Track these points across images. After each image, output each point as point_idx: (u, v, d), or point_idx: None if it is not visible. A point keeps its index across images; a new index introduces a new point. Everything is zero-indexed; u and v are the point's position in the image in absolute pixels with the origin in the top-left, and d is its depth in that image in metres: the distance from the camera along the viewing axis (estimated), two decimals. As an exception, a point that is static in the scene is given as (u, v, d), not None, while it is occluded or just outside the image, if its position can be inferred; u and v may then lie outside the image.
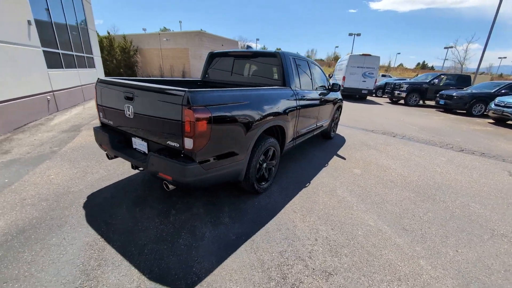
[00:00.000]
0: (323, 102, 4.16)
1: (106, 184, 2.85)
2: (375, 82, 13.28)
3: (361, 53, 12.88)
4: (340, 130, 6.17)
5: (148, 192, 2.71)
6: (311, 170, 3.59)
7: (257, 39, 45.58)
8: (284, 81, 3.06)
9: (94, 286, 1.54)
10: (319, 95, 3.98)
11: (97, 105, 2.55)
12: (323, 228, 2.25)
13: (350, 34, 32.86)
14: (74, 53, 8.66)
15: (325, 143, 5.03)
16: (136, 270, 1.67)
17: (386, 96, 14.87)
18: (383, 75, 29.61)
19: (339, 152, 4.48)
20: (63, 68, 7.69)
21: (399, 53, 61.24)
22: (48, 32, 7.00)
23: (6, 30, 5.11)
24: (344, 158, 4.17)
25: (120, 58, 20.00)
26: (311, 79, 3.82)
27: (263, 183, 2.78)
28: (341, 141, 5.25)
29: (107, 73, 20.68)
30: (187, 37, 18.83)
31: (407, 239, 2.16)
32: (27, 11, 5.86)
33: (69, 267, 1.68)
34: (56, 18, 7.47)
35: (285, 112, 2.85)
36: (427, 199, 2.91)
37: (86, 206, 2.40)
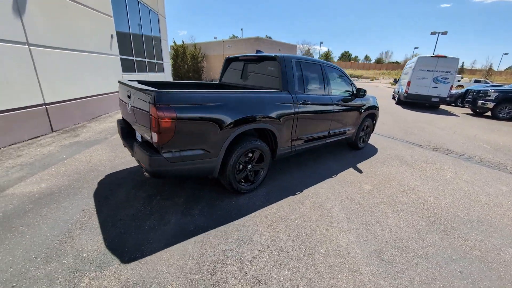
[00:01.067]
0: (343, 108, 3.84)
1: (124, 168, 3.43)
2: (451, 89, 11.04)
3: (432, 55, 10.94)
4: (377, 141, 5.49)
5: (148, 179, 3.13)
6: (312, 179, 3.39)
7: (321, 42, 44.09)
8: (282, 85, 3.02)
9: (69, 242, 1.96)
10: (337, 100, 3.71)
11: (119, 100, 3.13)
12: (283, 238, 2.15)
13: (433, 33, 28.16)
14: (146, 60, 10.47)
15: (347, 153, 4.60)
16: (101, 238, 2.02)
17: (467, 106, 12.26)
18: (476, 81, 24.30)
19: (359, 165, 4.03)
20: (135, 72, 9.42)
21: (506, 54, 48.47)
22: (126, 43, 8.71)
23: (96, 43, 6.67)
24: (361, 172, 3.74)
25: (190, 64, 22.80)
26: (324, 83, 3.59)
27: (244, 183, 2.83)
28: (371, 152, 4.69)
29: (179, 77, 23.92)
30: (246, 43, 19.96)
31: (376, 270, 1.84)
32: (111, 27, 7.47)
33: (62, 224, 2.16)
34: (134, 30, 9.22)
35: (277, 115, 2.82)
36: (439, 232, 2.36)
37: (100, 182, 2.98)
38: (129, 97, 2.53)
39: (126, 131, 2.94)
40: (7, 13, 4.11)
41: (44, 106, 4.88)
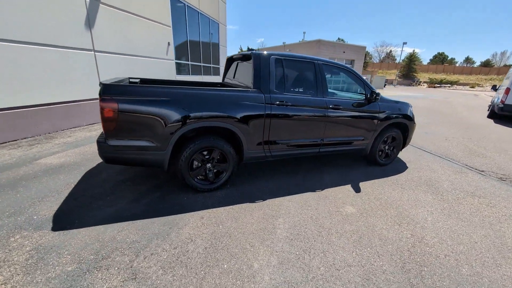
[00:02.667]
0: (346, 113, 3.28)
1: (126, 154, 3.93)
2: None
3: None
4: (417, 158, 4.40)
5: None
6: (288, 189, 3.02)
7: (404, 43, 38.30)
8: (253, 83, 2.82)
9: (35, 205, 2.40)
10: (335, 103, 3.19)
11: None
12: (198, 243, 2.01)
13: None
14: (202, 64, 11.61)
15: (357, 167, 3.87)
16: (57, 207, 2.39)
17: None
18: None
19: (363, 183, 3.33)
20: (189, 74, 10.59)
21: None
22: (183, 49, 9.91)
23: (153, 49, 7.89)
24: (358, 191, 3.09)
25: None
26: (316, 83, 3.14)
27: (201, 182, 2.78)
28: (393, 171, 3.79)
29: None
30: (306, 47, 19.44)
31: (268, 306, 1.50)
32: (169, 36, 8.67)
33: (46, 191, 2.67)
34: (192, 37, 10.40)
35: (241, 115, 2.66)
36: (413, 277, 1.70)
37: (100, 164, 3.51)
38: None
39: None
40: (80, 28, 5.37)
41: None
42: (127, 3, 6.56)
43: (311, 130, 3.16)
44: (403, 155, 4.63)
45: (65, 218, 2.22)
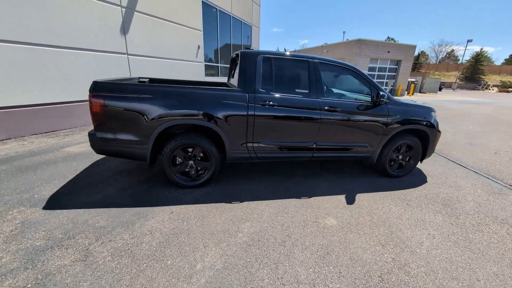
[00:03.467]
0: (344, 116, 2.99)
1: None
2: None
3: None
4: (445, 171, 3.77)
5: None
6: (272, 192, 2.88)
7: (469, 41, 33.22)
8: (238, 82, 2.77)
9: (42, 186, 2.77)
10: (331, 105, 2.94)
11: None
12: (157, 237, 2.05)
13: None
14: (232, 66, 11.93)
15: (362, 178, 3.47)
16: (57, 189, 2.72)
17: None
18: None
19: (360, 194, 2.99)
20: (218, 76, 10.99)
21: None
22: (213, 51, 10.35)
23: (183, 52, 8.43)
24: (350, 203, 2.78)
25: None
26: (310, 83, 2.93)
27: (182, 178, 2.84)
28: (404, 184, 3.31)
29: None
30: (345, 47, 18.38)
31: (190, 309, 1.44)
32: (199, 39, 9.15)
33: (55, 175, 3.06)
34: (222, 40, 10.79)
35: (222, 114, 2.65)
36: (353, 315, 1.45)
37: (110, 154, 3.88)
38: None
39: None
40: (116, 34, 6.05)
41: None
42: (159, 10, 7.15)
43: (302, 132, 2.96)
44: (427, 167, 4.01)
45: (58, 199, 2.51)
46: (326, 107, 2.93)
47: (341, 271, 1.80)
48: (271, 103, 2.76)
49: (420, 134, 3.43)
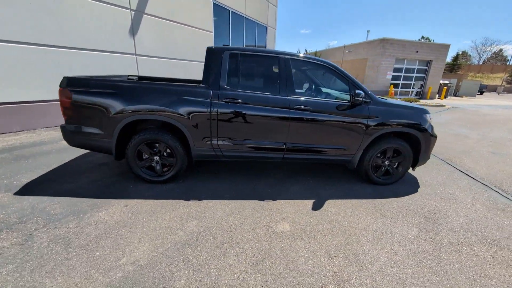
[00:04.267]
0: (316, 115, 2.80)
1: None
2: None
3: None
4: (446, 183, 3.37)
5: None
6: (236, 192, 2.80)
7: (519, 39, 29.37)
8: (203, 78, 2.74)
9: (24, 173, 3.00)
10: (302, 104, 2.77)
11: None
12: (100, 227, 2.09)
13: None
14: (244, 66, 11.98)
15: (339, 182, 3.22)
16: (37, 176, 2.92)
17: None
18: None
19: (330, 201, 2.77)
20: (229, 76, 11.10)
21: None
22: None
23: (193, 53, 8.66)
24: (315, 209, 2.58)
25: (308, 71, 23.13)
26: (280, 80, 2.78)
27: (148, 172, 2.88)
28: (385, 192, 3.00)
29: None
30: (368, 47, 17.45)
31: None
32: (210, 40, 9.33)
33: (42, 165, 3.30)
34: (235, 40, 10.88)
35: (184, 111, 2.64)
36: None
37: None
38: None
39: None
40: (125, 35, 6.41)
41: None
42: (169, 12, 7.43)
43: (270, 132, 2.83)
44: (426, 175, 3.61)
45: (31, 187, 2.70)
46: (296, 106, 2.77)
47: (268, 280, 1.66)
48: (235, 100, 2.69)
49: (410, 138, 3.09)
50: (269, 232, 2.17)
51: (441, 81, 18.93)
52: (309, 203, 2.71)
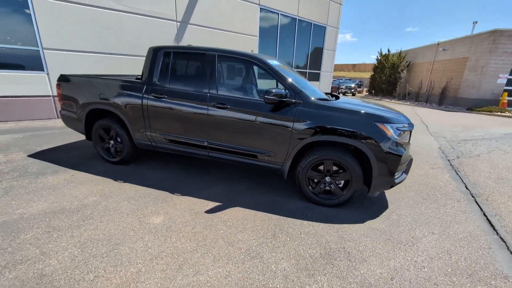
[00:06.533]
0: (235, 115, 2.63)
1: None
2: None
3: None
4: (431, 218, 2.44)
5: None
6: (159, 184, 2.96)
7: None
8: (141, 74, 3.04)
9: (41, 145, 4.19)
10: (220, 101, 2.66)
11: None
12: (33, 180, 2.75)
13: None
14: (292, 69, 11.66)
15: (283, 195, 2.81)
16: (48, 147, 4.03)
17: None
18: None
19: (238, 208, 2.52)
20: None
21: None
22: (269, 55, 10.57)
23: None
24: (209, 212, 2.43)
25: (388, 74, 20.05)
26: (204, 77, 2.74)
27: (108, 155, 3.44)
28: (318, 214, 2.43)
29: (373, 88, 22.12)
30: (471, 43, 13.39)
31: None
32: (253, 44, 9.69)
33: (58, 141, 4.50)
34: (283, 43, 10.80)
35: (122, 102, 3.04)
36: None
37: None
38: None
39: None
40: (169, 43, 7.61)
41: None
42: (213, 21, 8.26)
43: (192, 128, 2.85)
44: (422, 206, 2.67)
45: (39, 153, 3.76)
46: (213, 103, 2.67)
47: (79, 256, 1.78)
48: (162, 95, 2.86)
49: (358, 150, 2.40)
50: (138, 220, 2.24)
51: None
52: (212, 205, 2.56)
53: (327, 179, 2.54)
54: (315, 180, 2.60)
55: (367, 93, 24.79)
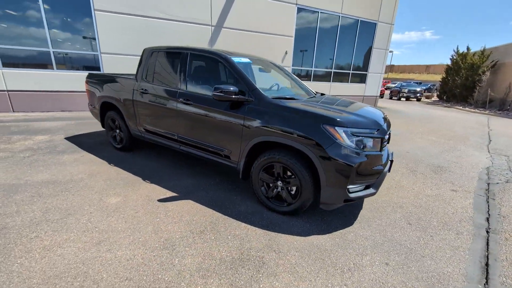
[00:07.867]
0: (196, 110, 2.72)
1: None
2: None
3: None
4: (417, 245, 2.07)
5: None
6: (141, 172, 3.30)
7: None
8: (136, 72, 3.42)
9: (64, 131, 5.12)
10: (187, 97, 2.79)
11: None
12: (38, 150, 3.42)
13: None
14: (333, 70, 10.93)
15: (237, 193, 2.75)
16: (65, 134, 4.92)
17: None
18: None
19: (190, 201, 2.59)
20: (310, 81, 10.59)
21: None
22: (305, 56, 10.18)
23: (276, 56, 9.28)
24: (162, 201, 2.58)
25: (464, 77, 16.68)
26: (177, 74, 2.92)
27: (111, 139, 4.01)
28: (269, 221, 2.29)
29: (444, 93, 18.78)
30: None
31: (-12, 187, 2.64)
32: (289, 45, 9.52)
33: (79, 129, 5.41)
34: (322, 43, 10.24)
35: (119, 96, 3.50)
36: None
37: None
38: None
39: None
40: (204, 45, 8.20)
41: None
42: (246, 24, 8.52)
43: (165, 121, 3.08)
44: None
45: (74, 136, 4.63)
46: (181, 99, 2.81)
47: (34, 224, 2.17)
48: (146, 91, 3.18)
49: (307, 159, 2.15)
50: (99, 198, 2.56)
51: None
52: (169, 195, 2.70)
53: (279, 183, 2.36)
54: (270, 184, 2.44)
55: (437, 99, 21.14)
